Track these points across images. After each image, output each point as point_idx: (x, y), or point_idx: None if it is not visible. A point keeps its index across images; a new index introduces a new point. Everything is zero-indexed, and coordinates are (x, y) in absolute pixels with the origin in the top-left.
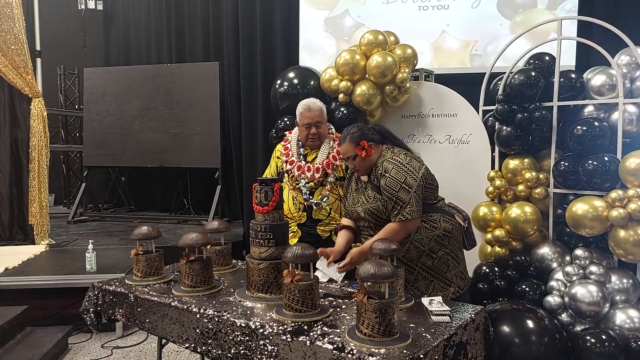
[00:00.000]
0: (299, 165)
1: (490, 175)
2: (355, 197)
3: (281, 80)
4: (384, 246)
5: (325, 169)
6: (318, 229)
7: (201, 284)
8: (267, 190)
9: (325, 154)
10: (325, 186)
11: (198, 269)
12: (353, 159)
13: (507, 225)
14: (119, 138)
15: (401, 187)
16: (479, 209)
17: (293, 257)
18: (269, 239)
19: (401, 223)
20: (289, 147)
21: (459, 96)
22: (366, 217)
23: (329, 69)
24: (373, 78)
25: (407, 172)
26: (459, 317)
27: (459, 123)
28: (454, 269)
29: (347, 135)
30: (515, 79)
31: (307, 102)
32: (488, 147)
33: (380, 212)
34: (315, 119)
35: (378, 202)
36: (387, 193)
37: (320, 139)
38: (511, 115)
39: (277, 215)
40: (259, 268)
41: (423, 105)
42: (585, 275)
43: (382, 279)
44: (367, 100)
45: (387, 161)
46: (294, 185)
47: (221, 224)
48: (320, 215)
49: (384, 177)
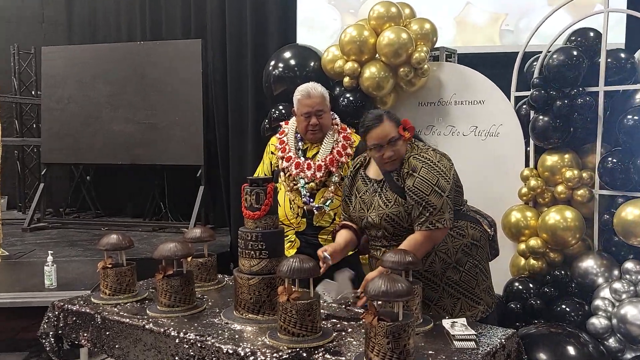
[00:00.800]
0: (297, 163)
1: (524, 174)
2: (364, 201)
3: (275, 62)
4: (397, 258)
5: (328, 167)
6: (320, 238)
7: (181, 303)
8: (259, 192)
9: (328, 148)
10: (329, 187)
11: (177, 285)
12: (392, 144)
13: (544, 233)
14: (83, 130)
15: (433, 189)
16: (510, 214)
17: (289, 272)
18: (261, 250)
19: (428, 233)
20: (286, 141)
21: (487, 80)
22: (382, 224)
23: (332, 48)
24: (384, 58)
25: (440, 173)
26: (486, 343)
27: (487, 112)
28: (482, 283)
29: (381, 115)
30: (553, 60)
31: (307, 88)
32: (521, 140)
33: (402, 218)
34: (316, 107)
35: (400, 206)
36: (416, 196)
37: (322, 130)
38: (549, 103)
39: (270, 221)
40: (250, 284)
41: (444, 90)
42: (636, 293)
43: (395, 298)
44: (377, 85)
45: (415, 158)
46: (292, 186)
47: (204, 232)
48: (322, 221)
49: (411, 176)
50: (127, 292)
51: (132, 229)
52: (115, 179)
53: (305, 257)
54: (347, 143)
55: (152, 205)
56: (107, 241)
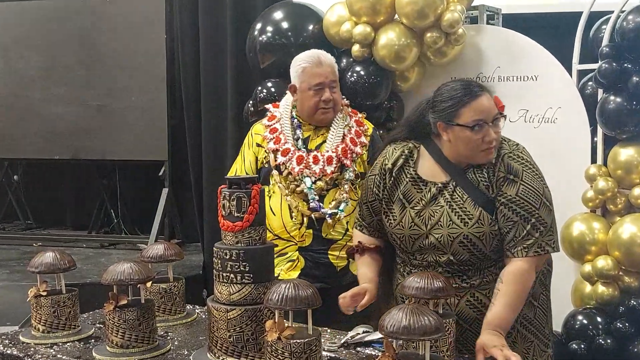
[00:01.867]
0: (299, 156)
1: (589, 173)
2: (420, 214)
3: (263, 25)
4: (422, 283)
5: (340, 159)
6: (330, 256)
7: (137, 343)
8: (241, 196)
9: (338, 135)
10: (342, 186)
11: (132, 319)
12: (496, 124)
13: (616, 250)
14: (7, 114)
15: (542, 202)
16: (571, 225)
17: (281, 301)
18: (244, 272)
19: (535, 259)
20: (279, 129)
21: (541, 48)
22: (455, 248)
23: (338, 7)
24: (406, 20)
25: (543, 180)
26: None
27: (541, 91)
28: (550, 320)
29: (482, 86)
30: (629, 22)
31: (315, 54)
32: (586, 128)
33: (486, 242)
34: (330, 76)
35: (485, 225)
36: (523, 211)
37: (334, 109)
38: (622, 79)
39: (256, 234)
40: (228, 318)
41: (485, 62)
42: None
43: (420, 336)
44: (396, 55)
45: (510, 157)
46: (293, 188)
47: (169, 249)
48: (333, 233)
49: (512, 183)
50: (67, 328)
51: (74, 244)
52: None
53: (301, 282)
54: (360, 129)
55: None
56: (41, 261)
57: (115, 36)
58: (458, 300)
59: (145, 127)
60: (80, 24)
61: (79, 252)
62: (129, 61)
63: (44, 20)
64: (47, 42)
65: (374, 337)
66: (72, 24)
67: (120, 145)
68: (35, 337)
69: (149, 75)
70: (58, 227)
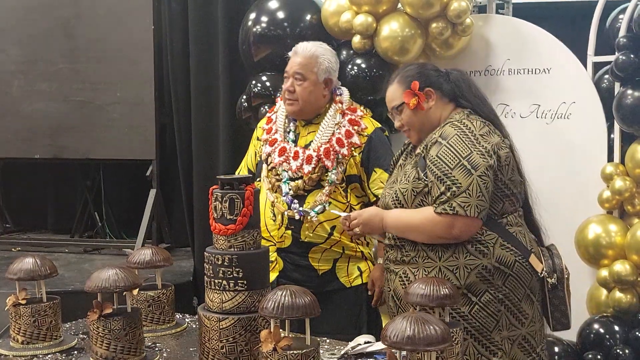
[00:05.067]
0: (282, 148)
1: (606, 172)
2: (394, 177)
3: (257, 15)
4: (427, 290)
5: (321, 159)
6: (310, 259)
7: (123, 354)
8: (234, 197)
9: (326, 135)
10: (323, 188)
11: (118, 329)
12: (399, 111)
13: (635, 254)
14: None
15: (460, 163)
16: (587, 227)
17: (277, 309)
18: (237, 279)
19: (442, 218)
20: (274, 119)
21: (554, 39)
22: (390, 206)
23: None
24: (410, 9)
25: (476, 146)
26: None
27: (554, 84)
28: (507, 328)
29: (398, 74)
30: None
31: (300, 44)
32: (602, 124)
33: (407, 198)
34: (295, 68)
35: (409, 184)
36: (436, 169)
37: (300, 102)
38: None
39: (250, 237)
40: (221, 327)
41: (494, 54)
42: None
43: (425, 346)
44: (400, 47)
45: (452, 124)
46: (273, 182)
47: (157, 254)
48: (312, 236)
49: (437, 144)
50: (48, 339)
51: (56, 249)
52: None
53: (298, 289)
54: (353, 129)
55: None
56: (20, 267)
57: (99, 27)
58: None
59: (132, 124)
60: (62, 14)
61: (60, 257)
62: (114, 54)
63: (24, 9)
64: (27, 33)
65: (376, 347)
66: (54, 14)
67: (105, 144)
68: (14, 348)
69: (135, 68)
70: (38, 231)
